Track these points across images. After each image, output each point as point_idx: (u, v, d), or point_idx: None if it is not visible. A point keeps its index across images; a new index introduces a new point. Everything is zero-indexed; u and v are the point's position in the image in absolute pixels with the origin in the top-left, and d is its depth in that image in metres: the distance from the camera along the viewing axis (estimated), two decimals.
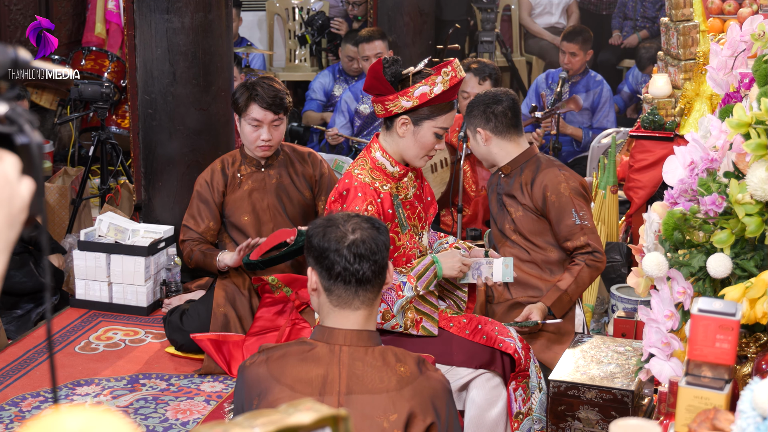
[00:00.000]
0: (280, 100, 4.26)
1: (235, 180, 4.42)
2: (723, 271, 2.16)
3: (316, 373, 2.26)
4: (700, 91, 4.94)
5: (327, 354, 2.28)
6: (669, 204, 2.36)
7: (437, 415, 2.27)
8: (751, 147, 2.10)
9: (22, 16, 6.79)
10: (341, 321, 2.32)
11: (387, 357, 2.30)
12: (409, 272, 3.23)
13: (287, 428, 1.12)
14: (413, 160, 3.31)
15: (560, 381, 3.10)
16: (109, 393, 4.06)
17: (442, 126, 3.24)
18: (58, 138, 7.17)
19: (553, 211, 3.76)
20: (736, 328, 1.77)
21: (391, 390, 2.25)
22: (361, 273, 2.28)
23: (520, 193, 3.83)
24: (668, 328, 2.22)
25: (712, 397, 1.73)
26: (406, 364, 2.29)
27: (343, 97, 6.45)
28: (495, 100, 3.86)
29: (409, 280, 3.20)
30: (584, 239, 3.73)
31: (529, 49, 8.73)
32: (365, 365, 2.27)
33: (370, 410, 2.24)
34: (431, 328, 3.31)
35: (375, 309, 2.36)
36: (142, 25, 4.86)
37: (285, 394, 2.24)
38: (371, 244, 2.30)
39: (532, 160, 3.86)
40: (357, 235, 2.30)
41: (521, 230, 3.86)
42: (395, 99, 3.19)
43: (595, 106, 6.58)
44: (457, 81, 3.21)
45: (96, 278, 4.85)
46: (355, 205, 3.19)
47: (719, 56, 2.96)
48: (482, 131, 3.87)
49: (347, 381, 2.26)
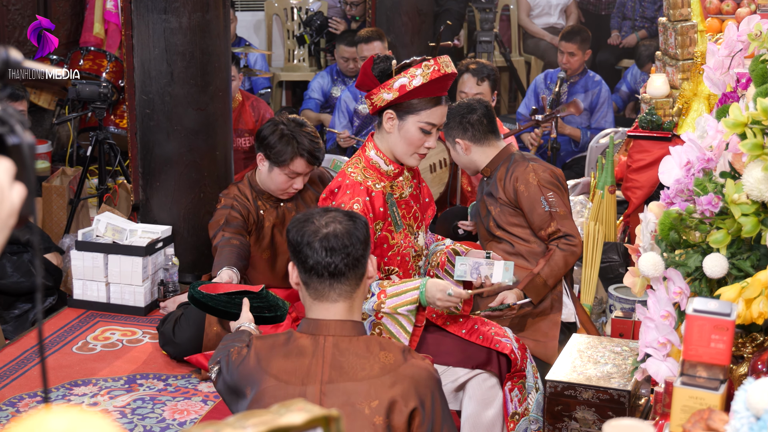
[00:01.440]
0: (321, 151, 4.09)
1: (260, 217, 4.24)
2: (719, 271, 2.16)
3: (300, 363, 2.30)
4: (697, 91, 4.93)
5: (311, 344, 2.32)
6: (665, 204, 2.36)
7: (420, 402, 2.27)
8: (747, 147, 2.10)
9: (20, 16, 6.79)
10: (323, 313, 2.35)
11: (371, 346, 2.33)
12: (386, 288, 3.12)
13: (279, 429, 1.12)
14: (403, 157, 3.28)
15: (557, 381, 3.10)
16: (106, 393, 4.05)
17: (427, 121, 3.19)
18: (56, 138, 7.16)
19: (524, 202, 3.90)
20: (731, 329, 1.77)
21: (373, 377, 2.27)
22: (333, 266, 2.30)
23: (496, 190, 3.98)
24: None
25: (707, 397, 1.73)
26: (391, 353, 2.31)
27: (342, 97, 6.45)
28: (469, 110, 4.03)
29: (378, 296, 3.10)
30: (555, 225, 3.87)
31: (528, 50, 8.73)
32: (348, 354, 2.30)
33: (353, 398, 2.26)
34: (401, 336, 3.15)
35: (357, 300, 2.38)
36: (139, 25, 4.85)
37: (271, 383, 2.29)
38: (344, 239, 2.32)
39: (507, 158, 4.01)
40: (330, 228, 2.33)
41: (502, 225, 3.98)
42: (378, 92, 3.19)
43: (593, 106, 6.57)
44: (439, 75, 3.14)
45: (93, 278, 4.84)
46: (341, 202, 3.19)
47: (716, 56, 2.96)
48: (461, 141, 4.05)
49: (329, 370, 2.28)
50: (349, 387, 2.27)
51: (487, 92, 5.01)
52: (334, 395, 2.26)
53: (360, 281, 2.37)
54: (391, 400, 2.25)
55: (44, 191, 5.45)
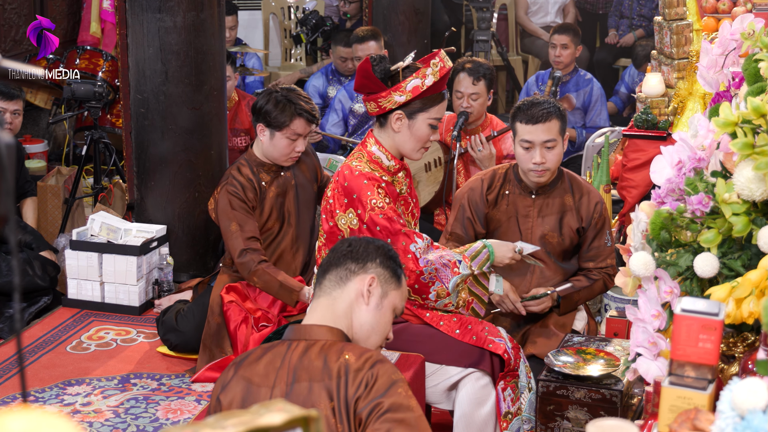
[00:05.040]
0: (317, 111, 4.25)
1: (262, 189, 4.29)
2: (710, 270, 2.15)
3: (272, 367, 2.25)
4: (693, 90, 4.93)
5: (283, 349, 2.28)
6: (656, 203, 2.35)
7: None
8: (738, 146, 2.09)
9: (16, 15, 6.78)
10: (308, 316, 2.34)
11: (332, 350, 2.25)
12: (464, 252, 3.28)
13: (258, 429, 1.12)
14: (410, 153, 3.33)
15: (549, 380, 3.09)
16: (100, 393, 4.05)
17: (436, 117, 3.28)
18: (53, 137, 7.16)
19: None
20: (719, 328, 1.76)
21: (333, 378, 2.19)
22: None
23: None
24: (655, 328, 2.21)
25: (695, 397, 1.72)
26: (354, 355, 2.24)
27: (337, 95, 6.44)
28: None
29: (464, 260, 3.25)
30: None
31: (525, 48, 8.73)
32: (311, 357, 2.24)
33: (312, 398, 2.19)
34: (479, 310, 3.35)
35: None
36: (134, 24, 4.84)
37: (241, 385, 2.24)
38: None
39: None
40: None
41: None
42: (388, 95, 3.21)
43: (586, 105, 6.56)
44: (446, 71, 3.25)
45: (88, 278, 4.84)
46: (366, 191, 3.20)
47: (710, 55, 2.95)
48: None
49: (294, 371, 2.23)
50: (306, 387, 2.26)
51: (483, 91, 5.01)
52: (296, 395, 2.24)
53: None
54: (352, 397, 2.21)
55: (39, 190, 5.44)
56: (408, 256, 3.16)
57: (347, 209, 3.23)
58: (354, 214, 3.22)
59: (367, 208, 3.20)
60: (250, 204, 4.23)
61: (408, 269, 3.15)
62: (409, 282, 3.17)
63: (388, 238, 3.16)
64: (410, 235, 3.19)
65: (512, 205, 3.74)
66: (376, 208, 3.19)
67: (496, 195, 3.76)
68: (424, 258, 3.18)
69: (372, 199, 3.20)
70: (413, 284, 3.18)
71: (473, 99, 4.99)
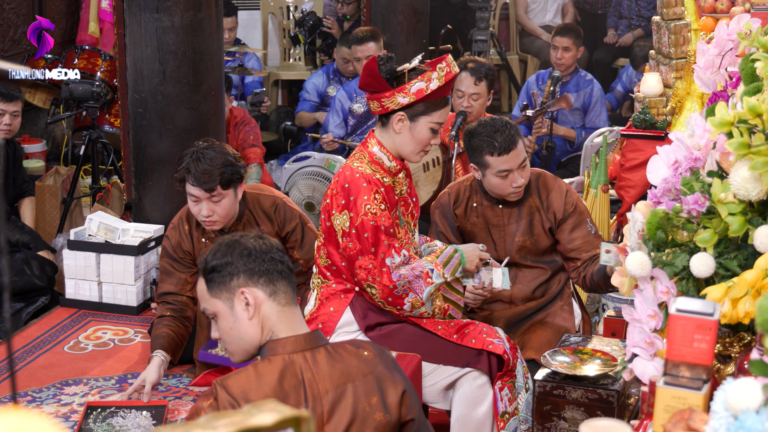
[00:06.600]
0: (211, 178, 3.74)
1: (200, 244, 4.03)
2: (706, 270, 2.15)
3: (288, 385, 2.12)
4: (691, 90, 4.92)
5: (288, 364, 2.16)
6: (653, 203, 2.35)
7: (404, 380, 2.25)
8: (734, 146, 2.09)
9: (15, 15, 6.78)
10: (287, 328, 2.21)
11: (346, 348, 2.23)
12: (435, 260, 3.31)
13: (249, 429, 1.11)
14: (410, 155, 3.34)
15: (546, 381, 3.09)
16: (97, 392, 4.04)
17: (438, 121, 3.29)
18: (51, 137, 7.16)
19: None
20: (714, 328, 1.76)
21: (367, 374, 2.19)
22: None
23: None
24: (651, 328, 2.21)
25: (690, 397, 1.72)
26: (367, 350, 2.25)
27: (337, 96, 6.44)
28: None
29: (436, 268, 3.28)
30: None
31: (524, 48, 8.73)
32: (329, 360, 2.19)
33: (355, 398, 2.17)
34: (456, 315, 3.38)
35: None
36: (131, 24, 4.84)
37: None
38: (263, 244, 2.27)
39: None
40: (246, 240, 2.27)
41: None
42: (392, 96, 3.22)
43: (586, 105, 6.56)
44: (452, 76, 3.26)
45: (86, 278, 4.84)
46: (363, 194, 3.20)
47: (706, 55, 2.95)
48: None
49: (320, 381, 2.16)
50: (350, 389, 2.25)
51: (484, 91, 5.01)
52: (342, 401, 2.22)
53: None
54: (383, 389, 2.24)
55: (37, 190, 5.44)
56: (383, 269, 3.23)
57: (343, 210, 3.24)
58: (347, 217, 3.23)
59: (360, 212, 3.21)
60: (181, 257, 4.05)
61: (381, 284, 3.23)
62: (383, 295, 3.25)
63: (372, 247, 3.22)
64: (390, 249, 3.24)
65: (482, 217, 3.76)
66: (369, 214, 3.21)
67: (464, 208, 3.79)
68: (396, 272, 3.23)
69: (367, 204, 3.21)
70: (387, 297, 3.25)
71: (474, 99, 4.99)
